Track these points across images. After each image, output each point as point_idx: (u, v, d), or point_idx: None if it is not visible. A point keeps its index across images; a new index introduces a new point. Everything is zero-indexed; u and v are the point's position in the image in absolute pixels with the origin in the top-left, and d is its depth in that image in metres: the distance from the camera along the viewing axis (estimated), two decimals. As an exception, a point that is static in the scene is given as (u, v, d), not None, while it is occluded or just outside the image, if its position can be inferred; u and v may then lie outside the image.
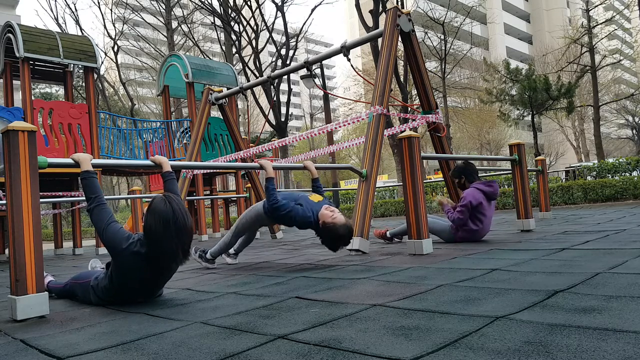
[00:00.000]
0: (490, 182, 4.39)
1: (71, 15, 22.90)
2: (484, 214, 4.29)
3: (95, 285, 2.56)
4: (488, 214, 4.34)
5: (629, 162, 11.32)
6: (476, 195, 4.25)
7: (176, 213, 2.29)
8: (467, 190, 4.35)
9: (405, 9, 5.31)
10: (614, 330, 1.38)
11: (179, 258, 2.37)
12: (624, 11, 36.22)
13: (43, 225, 17.04)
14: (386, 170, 43.52)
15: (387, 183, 29.27)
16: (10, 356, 1.65)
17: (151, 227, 2.28)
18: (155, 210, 2.30)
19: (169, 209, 2.28)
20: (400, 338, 1.48)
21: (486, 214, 4.31)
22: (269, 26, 18.90)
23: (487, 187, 4.32)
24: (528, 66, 21.14)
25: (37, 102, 8.46)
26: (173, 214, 2.28)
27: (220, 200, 13.56)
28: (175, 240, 2.28)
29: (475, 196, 4.25)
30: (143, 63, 27.07)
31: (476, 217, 4.29)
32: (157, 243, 2.28)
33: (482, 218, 4.29)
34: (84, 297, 2.66)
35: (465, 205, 4.21)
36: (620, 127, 42.14)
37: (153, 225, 2.27)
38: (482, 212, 4.28)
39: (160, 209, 2.29)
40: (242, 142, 8.02)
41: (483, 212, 4.28)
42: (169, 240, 2.27)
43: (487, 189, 4.32)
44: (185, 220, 2.31)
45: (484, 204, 4.27)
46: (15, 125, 2.29)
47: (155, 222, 2.27)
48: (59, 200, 6.80)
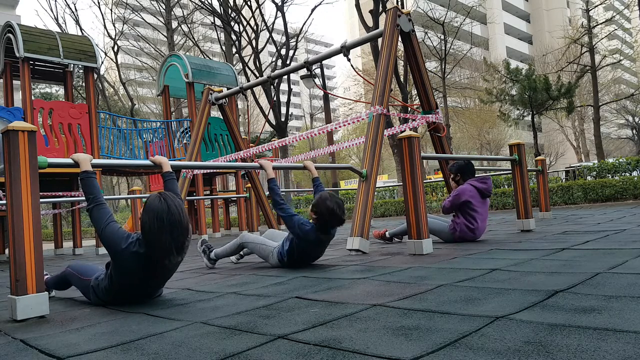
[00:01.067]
0: (484, 179, 4.44)
1: (71, 15, 22.91)
2: (477, 211, 4.32)
3: (96, 286, 2.55)
4: (481, 211, 4.36)
5: (629, 162, 11.32)
6: (468, 191, 4.32)
7: (171, 209, 2.27)
8: (461, 186, 4.44)
9: (405, 9, 5.31)
10: (614, 330, 1.38)
11: (173, 255, 2.33)
12: (624, 11, 36.23)
13: (43, 225, 17.05)
14: (386, 170, 43.52)
15: (387, 183, 29.27)
16: (10, 356, 1.65)
17: (145, 224, 2.28)
18: (149, 207, 2.30)
19: (163, 205, 2.28)
20: (400, 338, 1.48)
21: (479, 211, 4.34)
22: (269, 26, 18.90)
23: (480, 184, 4.38)
24: (528, 66, 21.12)
25: (37, 102, 8.46)
26: (168, 210, 2.26)
27: (220, 200, 13.56)
28: (168, 236, 2.26)
29: (467, 191, 4.32)
30: (143, 63, 27.07)
31: (470, 215, 4.32)
32: (152, 239, 2.28)
33: (476, 216, 4.32)
34: (83, 293, 2.68)
35: (456, 196, 4.33)
36: (620, 127, 42.13)
37: (147, 221, 2.27)
38: (474, 209, 4.30)
39: (155, 205, 2.29)
40: (242, 142, 8.02)
41: (476, 210, 4.31)
42: (163, 236, 2.25)
43: (481, 185, 4.37)
44: (181, 217, 2.30)
45: (475, 202, 4.31)
46: (15, 125, 2.29)
47: (150, 218, 2.27)
48: (59, 200, 6.80)
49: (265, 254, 3.69)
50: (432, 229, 4.42)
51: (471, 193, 4.32)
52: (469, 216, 4.33)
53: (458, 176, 4.55)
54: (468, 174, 4.52)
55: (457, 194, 4.34)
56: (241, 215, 10.26)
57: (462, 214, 4.36)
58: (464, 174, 4.52)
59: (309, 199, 17.90)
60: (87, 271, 2.71)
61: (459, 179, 4.54)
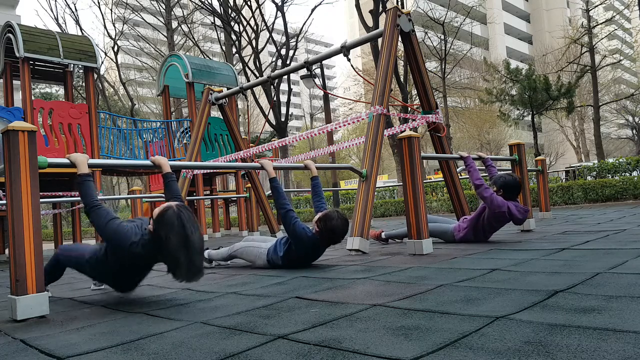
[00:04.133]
0: (524, 210, 4.19)
1: (71, 15, 22.90)
2: (495, 228, 4.25)
3: (94, 260, 2.57)
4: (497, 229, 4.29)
5: (629, 162, 11.32)
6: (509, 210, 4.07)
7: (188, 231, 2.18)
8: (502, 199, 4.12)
9: (405, 9, 5.30)
10: (614, 330, 1.38)
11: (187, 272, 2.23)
12: (624, 11, 36.22)
13: (43, 225, 17.05)
14: (386, 170, 43.51)
15: (387, 183, 29.26)
16: (10, 356, 1.65)
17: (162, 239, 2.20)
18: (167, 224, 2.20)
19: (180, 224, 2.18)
20: (400, 338, 1.48)
21: (496, 228, 4.26)
22: (269, 26, 18.89)
23: (517, 212, 4.11)
24: (528, 66, 21.12)
25: (37, 102, 8.46)
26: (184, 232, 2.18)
27: (220, 200, 13.56)
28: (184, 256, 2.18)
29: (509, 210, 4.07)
30: (143, 63, 27.06)
31: (487, 229, 4.22)
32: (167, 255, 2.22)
33: (491, 231, 4.26)
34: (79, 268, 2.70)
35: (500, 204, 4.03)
36: (620, 127, 42.12)
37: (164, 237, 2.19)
38: (495, 227, 4.23)
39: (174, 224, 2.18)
40: (242, 142, 8.02)
41: (495, 227, 4.24)
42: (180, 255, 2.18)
43: (517, 214, 4.11)
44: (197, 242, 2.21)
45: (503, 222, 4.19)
46: (15, 125, 2.29)
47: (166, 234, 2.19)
48: (59, 200, 6.80)
49: (254, 254, 3.67)
50: (434, 233, 4.30)
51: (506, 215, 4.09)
52: (486, 228, 4.18)
53: (501, 192, 4.20)
54: (512, 193, 4.19)
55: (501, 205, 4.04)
56: (241, 215, 10.26)
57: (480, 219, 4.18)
58: (507, 191, 4.18)
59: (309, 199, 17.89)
60: (78, 248, 2.75)
61: (500, 194, 4.19)
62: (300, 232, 3.37)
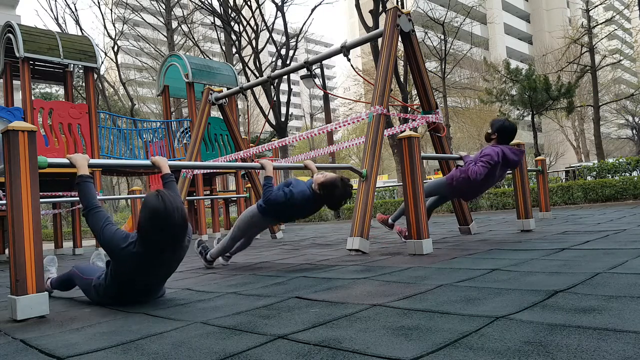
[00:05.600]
0: (518, 150, 4.09)
1: (71, 15, 22.88)
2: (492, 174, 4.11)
3: (98, 285, 2.57)
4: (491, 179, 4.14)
5: (629, 162, 11.32)
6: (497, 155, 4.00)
7: (167, 205, 2.27)
8: (492, 147, 4.08)
9: (405, 9, 5.30)
10: (614, 330, 1.38)
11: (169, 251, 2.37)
12: (624, 11, 36.21)
13: (43, 225, 17.04)
14: (386, 170, 43.50)
15: (387, 183, 29.24)
16: (10, 356, 1.65)
17: (142, 220, 2.29)
18: (147, 203, 2.31)
19: (160, 202, 2.28)
20: (400, 338, 1.48)
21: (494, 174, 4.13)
22: (269, 26, 18.89)
23: (512, 154, 4.01)
24: (528, 66, 21.11)
25: (37, 102, 8.46)
26: (164, 207, 2.26)
27: (220, 200, 13.56)
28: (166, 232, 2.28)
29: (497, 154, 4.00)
30: (143, 63, 27.05)
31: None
32: (148, 235, 2.29)
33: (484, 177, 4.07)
34: (85, 292, 2.70)
35: (488, 161, 3.98)
36: (620, 127, 42.11)
37: (144, 217, 2.28)
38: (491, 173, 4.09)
39: (152, 202, 2.29)
40: (242, 142, 8.02)
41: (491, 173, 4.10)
42: (159, 231, 2.27)
43: (512, 156, 4.02)
44: (177, 212, 2.29)
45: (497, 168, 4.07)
46: (15, 125, 2.29)
47: (146, 214, 2.27)
48: (59, 200, 6.80)
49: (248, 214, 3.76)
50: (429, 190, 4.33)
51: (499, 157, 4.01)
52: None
53: (495, 135, 4.12)
54: (505, 138, 4.11)
55: (488, 159, 3.94)
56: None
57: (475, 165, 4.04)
58: (501, 134, 4.10)
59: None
60: (90, 271, 2.74)
61: (493, 138, 4.13)
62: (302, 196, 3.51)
